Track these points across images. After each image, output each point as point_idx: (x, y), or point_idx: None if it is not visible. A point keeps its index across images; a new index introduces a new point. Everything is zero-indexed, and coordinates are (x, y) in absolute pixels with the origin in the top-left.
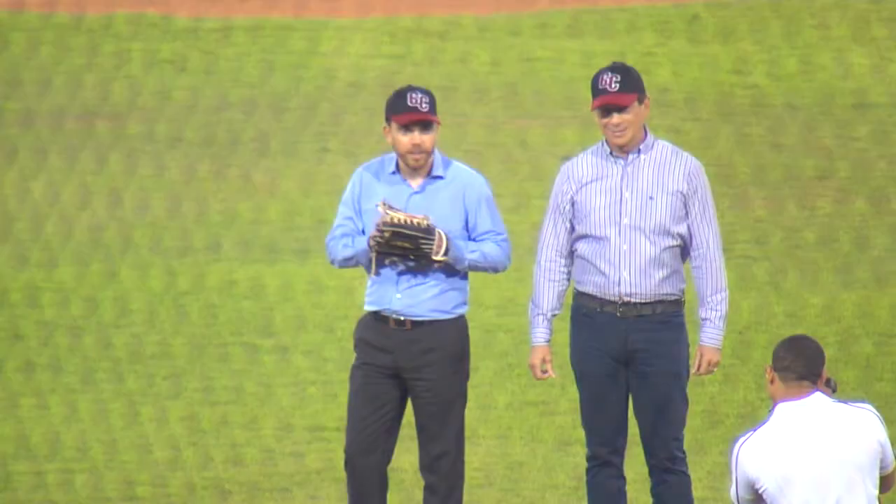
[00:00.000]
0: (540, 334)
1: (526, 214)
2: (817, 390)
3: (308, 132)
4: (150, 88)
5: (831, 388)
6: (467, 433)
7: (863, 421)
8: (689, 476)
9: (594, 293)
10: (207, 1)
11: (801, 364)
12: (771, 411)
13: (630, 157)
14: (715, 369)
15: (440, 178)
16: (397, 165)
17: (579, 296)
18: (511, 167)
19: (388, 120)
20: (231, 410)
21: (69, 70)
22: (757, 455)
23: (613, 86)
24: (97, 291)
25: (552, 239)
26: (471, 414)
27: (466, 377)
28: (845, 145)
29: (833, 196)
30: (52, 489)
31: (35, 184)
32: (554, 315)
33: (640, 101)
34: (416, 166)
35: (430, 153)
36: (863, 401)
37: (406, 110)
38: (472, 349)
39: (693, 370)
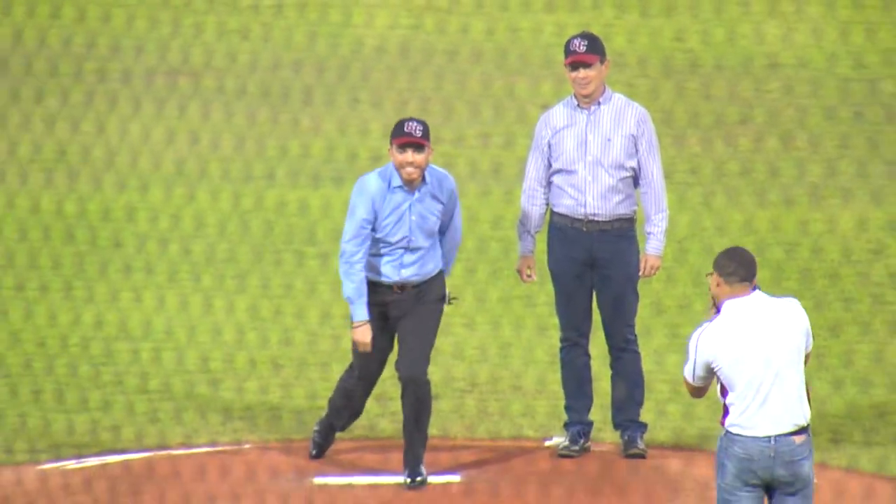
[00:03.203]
0: (525, 246)
1: (513, 151)
2: (756, 288)
3: (343, 87)
4: (221, 52)
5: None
6: (467, 321)
7: (794, 310)
8: (639, 353)
9: (566, 213)
10: None
11: (744, 269)
12: (718, 309)
13: (592, 107)
14: (656, 272)
15: (425, 183)
16: (400, 178)
17: (554, 215)
18: (501, 113)
19: (390, 142)
20: (284, 303)
21: (158, 38)
22: (714, 341)
23: (582, 48)
24: (180, 210)
25: (534, 172)
26: (470, 306)
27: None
28: (761, 97)
29: (752, 136)
30: (145, 363)
31: (132, 126)
32: (536, 231)
33: (602, 62)
34: (409, 179)
35: (421, 169)
36: (787, 296)
37: (402, 135)
38: (471, 255)
39: (640, 273)
